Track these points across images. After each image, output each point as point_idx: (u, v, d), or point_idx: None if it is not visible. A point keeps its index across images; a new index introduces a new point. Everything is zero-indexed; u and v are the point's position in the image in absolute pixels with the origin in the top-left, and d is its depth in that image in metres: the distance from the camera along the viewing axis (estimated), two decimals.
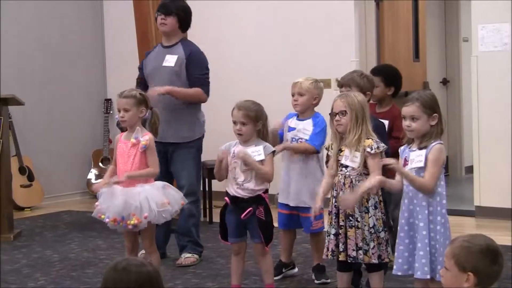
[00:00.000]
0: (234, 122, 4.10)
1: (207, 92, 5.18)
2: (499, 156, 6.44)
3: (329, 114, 3.96)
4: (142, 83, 5.31)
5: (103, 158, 8.09)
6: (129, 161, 4.16)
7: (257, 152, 4.06)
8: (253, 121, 4.05)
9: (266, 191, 4.13)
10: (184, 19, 5.22)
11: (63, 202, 7.81)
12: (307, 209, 4.38)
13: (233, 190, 4.11)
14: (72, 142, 8.11)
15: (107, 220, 4.12)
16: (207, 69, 5.21)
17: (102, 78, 8.47)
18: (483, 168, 6.57)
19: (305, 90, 4.53)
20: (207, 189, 6.74)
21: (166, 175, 4.95)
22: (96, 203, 4.22)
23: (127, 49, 7.80)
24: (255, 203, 4.07)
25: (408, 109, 3.61)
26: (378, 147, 3.81)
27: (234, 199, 4.11)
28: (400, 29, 7.80)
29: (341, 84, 4.43)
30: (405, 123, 3.62)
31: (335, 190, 3.92)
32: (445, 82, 9.13)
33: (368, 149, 3.81)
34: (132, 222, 4.06)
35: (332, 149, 3.97)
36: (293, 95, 4.58)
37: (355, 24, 7.14)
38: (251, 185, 4.06)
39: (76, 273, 4.96)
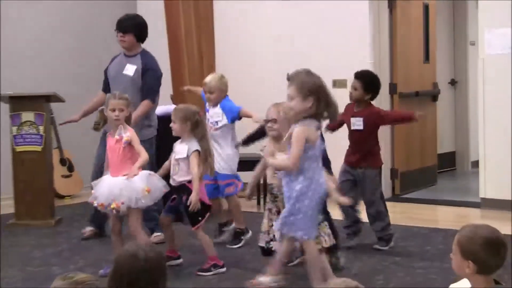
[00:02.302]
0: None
1: (152, 99, 5.67)
2: (504, 151, 6.50)
3: (264, 120, 4.30)
4: (107, 85, 5.84)
5: None
6: (115, 155, 4.73)
7: (183, 150, 4.68)
8: (181, 120, 4.65)
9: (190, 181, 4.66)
10: (141, 34, 5.77)
11: None
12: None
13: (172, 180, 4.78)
14: None
15: (96, 205, 4.73)
16: (159, 79, 5.72)
17: None
18: (488, 162, 6.61)
19: (212, 88, 5.50)
20: None
21: None
22: (93, 190, 4.79)
23: (158, 49, 8.03)
24: (180, 191, 4.69)
25: (287, 91, 3.92)
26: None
27: (171, 187, 4.76)
28: (412, 32, 7.83)
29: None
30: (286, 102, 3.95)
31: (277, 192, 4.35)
32: (453, 82, 9.22)
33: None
34: (112, 206, 4.63)
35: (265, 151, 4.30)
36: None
37: (370, 27, 7.21)
38: (176, 177, 4.70)
39: (112, 257, 5.17)
